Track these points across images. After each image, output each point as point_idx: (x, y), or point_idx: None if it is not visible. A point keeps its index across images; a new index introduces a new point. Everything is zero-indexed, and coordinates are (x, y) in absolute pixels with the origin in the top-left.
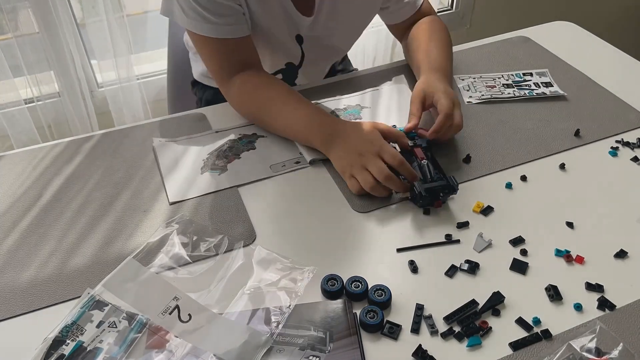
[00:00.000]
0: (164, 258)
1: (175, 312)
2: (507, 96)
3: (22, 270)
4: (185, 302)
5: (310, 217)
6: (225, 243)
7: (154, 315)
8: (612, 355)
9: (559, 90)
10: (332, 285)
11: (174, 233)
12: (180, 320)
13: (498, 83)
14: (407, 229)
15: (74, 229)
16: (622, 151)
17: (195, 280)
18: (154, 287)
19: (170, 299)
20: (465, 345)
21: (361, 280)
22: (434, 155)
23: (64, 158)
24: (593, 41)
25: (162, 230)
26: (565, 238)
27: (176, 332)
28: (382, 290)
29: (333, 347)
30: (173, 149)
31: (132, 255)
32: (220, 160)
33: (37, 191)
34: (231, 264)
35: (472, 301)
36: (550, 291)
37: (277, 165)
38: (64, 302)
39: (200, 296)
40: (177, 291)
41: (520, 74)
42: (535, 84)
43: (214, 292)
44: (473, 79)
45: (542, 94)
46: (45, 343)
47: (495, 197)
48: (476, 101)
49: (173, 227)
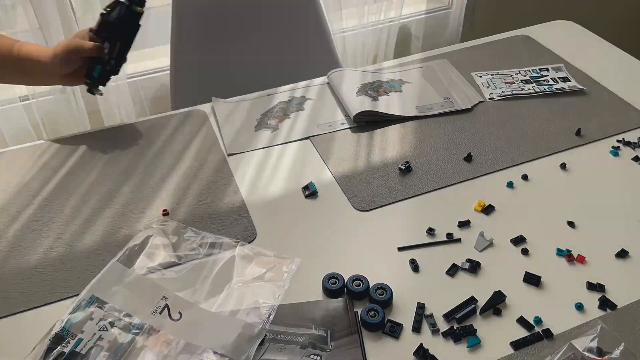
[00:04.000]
0: (146, 260)
1: (166, 310)
2: (527, 92)
3: (22, 267)
4: (175, 300)
5: (311, 216)
6: (207, 242)
7: (145, 316)
8: (614, 355)
9: (577, 85)
10: (333, 283)
11: (155, 234)
12: (171, 319)
13: (516, 79)
14: (408, 228)
15: (74, 225)
16: (623, 151)
17: (181, 280)
18: (141, 288)
19: (159, 299)
20: (466, 346)
21: (362, 278)
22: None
23: (62, 155)
24: (594, 40)
25: (143, 233)
26: (566, 237)
27: (168, 330)
28: (384, 289)
29: (334, 346)
30: (229, 108)
31: (115, 259)
32: (273, 119)
33: (34, 189)
34: (215, 262)
35: (471, 298)
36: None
37: (325, 125)
38: (64, 299)
39: (187, 294)
40: (165, 290)
41: (537, 69)
42: (552, 79)
43: (200, 290)
44: (491, 76)
45: (561, 89)
46: (46, 340)
47: (496, 196)
48: (498, 97)
49: (153, 229)
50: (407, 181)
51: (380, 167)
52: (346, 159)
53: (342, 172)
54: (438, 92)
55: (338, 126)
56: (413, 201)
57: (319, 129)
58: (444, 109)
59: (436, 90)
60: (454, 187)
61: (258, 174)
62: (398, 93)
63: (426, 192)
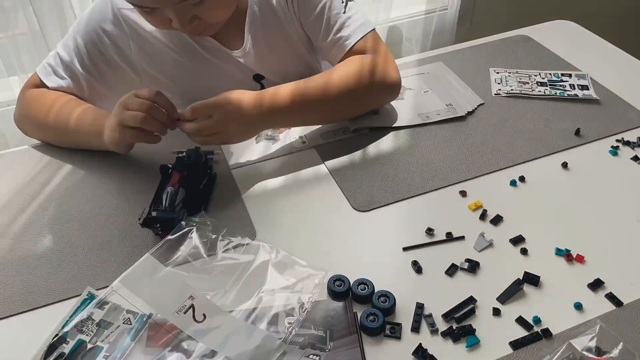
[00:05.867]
0: (182, 255)
1: (190, 311)
2: (536, 93)
3: (22, 268)
4: (200, 301)
5: (311, 216)
6: (243, 244)
7: (170, 314)
8: (613, 355)
9: (592, 95)
10: (338, 285)
11: (193, 231)
12: (195, 320)
13: (532, 80)
14: (407, 228)
15: (73, 225)
16: (623, 150)
17: (211, 280)
18: (170, 285)
19: (185, 298)
20: (465, 346)
21: (368, 282)
22: (206, 187)
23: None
24: (593, 40)
25: (181, 227)
26: (565, 237)
27: (190, 331)
28: (387, 297)
29: (333, 346)
30: None
31: (150, 252)
32: (273, 131)
33: (34, 190)
34: (248, 266)
35: (470, 298)
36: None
37: (329, 134)
38: (64, 300)
39: (215, 296)
40: (193, 290)
41: (559, 74)
42: (571, 85)
43: (229, 293)
44: (508, 73)
45: (574, 96)
46: (46, 341)
47: (495, 195)
48: (504, 94)
49: (191, 225)
50: (406, 181)
51: (380, 167)
52: (346, 159)
53: (341, 172)
54: (441, 99)
55: (340, 135)
56: (412, 201)
57: (322, 138)
58: (448, 115)
59: (438, 96)
60: (454, 187)
61: (258, 174)
62: (400, 101)
63: (426, 192)
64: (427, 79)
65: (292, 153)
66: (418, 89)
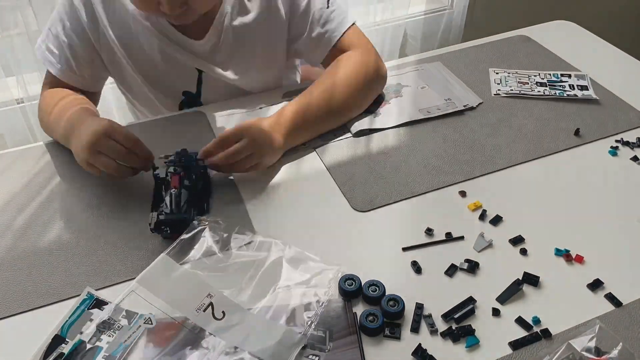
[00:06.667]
0: (197, 255)
1: (209, 309)
2: (535, 94)
3: (22, 268)
4: (219, 299)
5: (311, 216)
6: (256, 241)
7: (190, 312)
8: (612, 355)
9: (592, 95)
10: (349, 285)
11: (206, 230)
12: (214, 318)
13: (532, 80)
14: (407, 228)
15: (73, 226)
16: (622, 150)
17: (227, 278)
18: (188, 284)
19: (204, 296)
20: (465, 346)
21: (379, 284)
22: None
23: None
24: (593, 40)
25: (194, 227)
26: (565, 237)
27: (211, 329)
28: (396, 301)
29: (333, 346)
30: (222, 120)
31: (166, 252)
32: None
33: (34, 190)
34: (262, 263)
35: (469, 298)
36: None
37: (329, 135)
38: (63, 300)
39: (231, 294)
40: (211, 288)
41: (558, 74)
42: (570, 85)
43: (245, 290)
44: (507, 74)
45: (573, 96)
46: (45, 341)
47: (495, 196)
48: (503, 95)
49: (204, 224)
50: (405, 181)
51: (379, 167)
52: (345, 160)
53: (340, 173)
54: (439, 94)
55: (340, 136)
56: (412, 202)
57: (321, 140)
58: (448, 110)
59: (437, 92)
60: (454, 188)
61: (257, 175)
62: (398, 98)
63: (425, 192)
64: (424, 75)
65: (292, 153)
66: (415, 86)
